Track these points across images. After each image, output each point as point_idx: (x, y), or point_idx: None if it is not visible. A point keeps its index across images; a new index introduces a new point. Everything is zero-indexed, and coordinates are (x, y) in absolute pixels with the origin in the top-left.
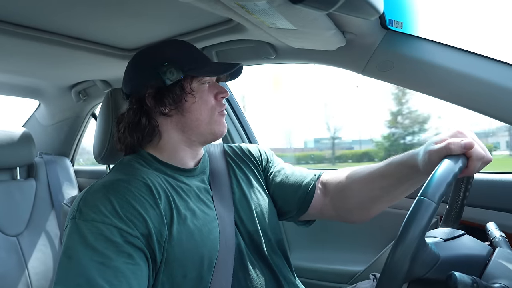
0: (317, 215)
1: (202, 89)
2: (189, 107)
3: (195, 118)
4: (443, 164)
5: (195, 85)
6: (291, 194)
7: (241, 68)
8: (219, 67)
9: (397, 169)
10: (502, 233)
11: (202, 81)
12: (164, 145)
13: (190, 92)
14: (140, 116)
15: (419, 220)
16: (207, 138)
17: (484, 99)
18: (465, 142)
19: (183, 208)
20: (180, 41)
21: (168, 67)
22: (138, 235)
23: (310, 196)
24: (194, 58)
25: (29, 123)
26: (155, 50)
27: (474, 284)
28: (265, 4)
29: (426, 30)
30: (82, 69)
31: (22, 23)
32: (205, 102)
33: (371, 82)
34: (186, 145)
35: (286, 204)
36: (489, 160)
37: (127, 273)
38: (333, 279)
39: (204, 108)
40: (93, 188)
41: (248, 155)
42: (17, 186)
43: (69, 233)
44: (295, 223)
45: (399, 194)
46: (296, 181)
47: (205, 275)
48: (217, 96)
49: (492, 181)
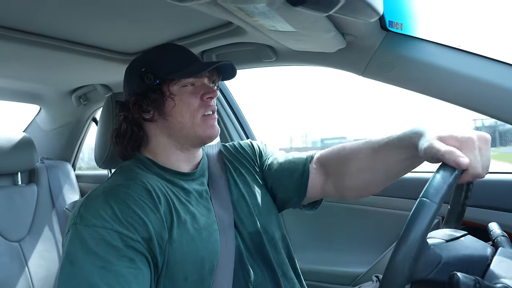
0: (319, 195)
1: (183, 92)
2: (169, 111)
3: (177, 122)
4: (442, 168)
5: (175, 88)
6: (287, 180)
7: (233, 67)
8: (198, 68)
9: (398, 145)
10: (504, 233)
11: (183, 84)
12: (156, 149)
13: (169, 95)
14: (126, 123)
15: (421, 221)
16: (194, 141)
17: (485, 100)
18: (460, 160)
19: (183, 212)
20: (167, 44)
21: (145, 73)
22: (139, 239)
23: (306, 178)
24: (175, 61)
25: (30, 128)
26: (141, 56)
27: (476, 285)
28: (264, 7)
29: (426, 31)
30: (82, 74)
31: (22, 28)
32: (187, 104)
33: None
34: (177, 149)
35: (285, 192)
36: (481, 177)
37: (128, 277)
38: (336, 281)
39: (185, 111)
40: (94, 194)
41: (242, 153)
42: (19, 192)
43: (70, 239)
44: (302, 210)
45: (400, 170)
46: (289, 167)
47: (206, 278)
48: (203, 97)
49: (494, 181)
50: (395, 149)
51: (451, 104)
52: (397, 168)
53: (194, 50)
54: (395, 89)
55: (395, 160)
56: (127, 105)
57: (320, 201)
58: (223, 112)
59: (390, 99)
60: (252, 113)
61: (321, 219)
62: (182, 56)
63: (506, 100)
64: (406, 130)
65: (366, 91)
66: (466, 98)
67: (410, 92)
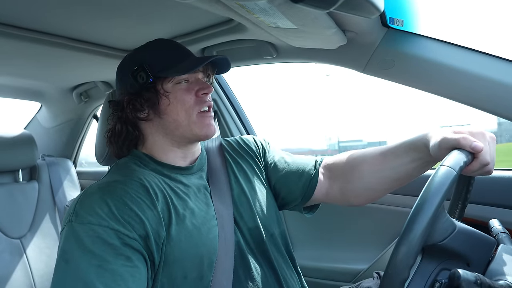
0: (322, 200)
1: (178, 89)
2: (164, 109)
3: (172, 120)
4: (456, 151)
5: (169, 85)
6: (294, 182)
7: (227, 60)
8: (191, 64)
9: (410, 147)
10: (505, 230)
11: (177, 81)
12: (153, 147)
13: (163, 93)
14: (121, 123)
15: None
16: (191, 138)
17: (486, 97)
18: (476, 144)
19: (182, 208)
20: (160, 40)
21: (138, 71)
22: (135, 237)
23: (314, 182)
24: (168, 57)
25: (31, 125)
26: (132, 53)
27: (477, 281)
28: (265, 4)
29: (427, 28)
30: (83, 71)
31: (23, 25)
32: (182, 102)
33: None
34: (174, 146)
35: (290, 193)
36: (489, 171)
37: (125, 275)
38: (337, 277)
39: (180, 109)
40: (89, 191)
41: (245, 148)
42: (20, 189)
43: (66, 237)
44: (301, 212)
45: (408, 175)
46: (298, 169)
47: (205, 274)
48: (198, 93)
49: (495, 178)
50: (405, 152)
51: (452, 101)
52: (405, 171)
53: (194, 47)
54: (413, 92)
55: (404, 162)
56: (120, 104)
57: (318, 205)
58: (223, 108)
59: (406, 102)
60: (271, 114)
61: (322, 216)
62: (175, 52)
63: (507, 97)
64: (417, 135)
65: (383, 93)
66: (466, 95)
67: (415, 91)
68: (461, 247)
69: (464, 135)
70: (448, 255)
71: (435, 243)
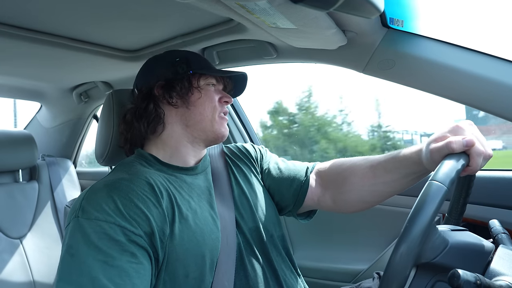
0: (315, 207)
1: (208, 88)
2: (194, 101)
3: (198, 113)
4: (449, 157)
5: (202, 83)
6: (286, 187)
7: (245, 83)
8: (223, 72)
9: (402, 164)
10: (505, 230)
11: (208, 82)
12: (167, 138)
13: (197, 87)
14: (147, 102)
15: (430, 203)
16: (209, 136)
17: (486, 96)
18: (466, 140)
19: (185, 207)
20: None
21: (180, 63)
22: (141, 233)
23: (305, 188)
24: (203, 62)
25: (31, 126)
26: (173, 50)
27: (477, 281)
28: (265, 4)
29: (427, 28)
30: (83, 71)
31: (24, 25)
32: (210, 99)
33: None
34: (189, 141)
35: (282, 199)
36: (489, 156)
37: (130, 272)
38: (337, 278)
39: (208, 105)
40: (96, 187)
41: (245, 153)
42: (20, 189)
43: (72, 231)
44: (296, 218)
45: (401, 188)
46: (289, 175)
47: (207, 274)
48: (221, 99)
49: (494, 179)
50: (395, 168)
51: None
52: (399, 185)
53: (195, 47)
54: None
55: (396, 178)
56: (152, 88)
57: (315, 211)
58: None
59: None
60: None
61: (322, 217)
62: (207, 62)
63: (507, 97)
64: (405, 151)
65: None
66: (466, 95)
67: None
68: (455, 262)
69: (450, 139)
70: (442, 269)
71: (427, 261)
